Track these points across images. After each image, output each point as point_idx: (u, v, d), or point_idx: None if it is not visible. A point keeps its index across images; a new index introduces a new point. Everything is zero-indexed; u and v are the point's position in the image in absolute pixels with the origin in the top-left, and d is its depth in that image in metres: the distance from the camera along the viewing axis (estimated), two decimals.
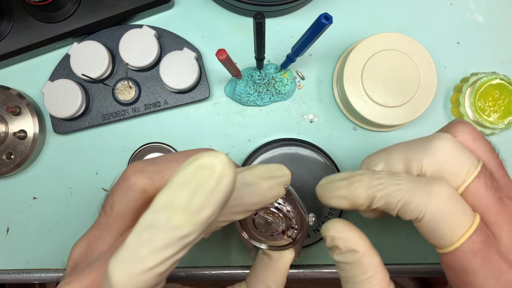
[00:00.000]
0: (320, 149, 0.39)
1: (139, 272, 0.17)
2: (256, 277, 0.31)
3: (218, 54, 0.30)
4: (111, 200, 0.24)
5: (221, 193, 0.16)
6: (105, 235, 0.25)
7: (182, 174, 0.17)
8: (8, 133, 0.41)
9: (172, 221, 0.16)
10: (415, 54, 0.39)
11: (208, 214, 0.16)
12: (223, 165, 0.16)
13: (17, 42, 0.41)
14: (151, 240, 0.17)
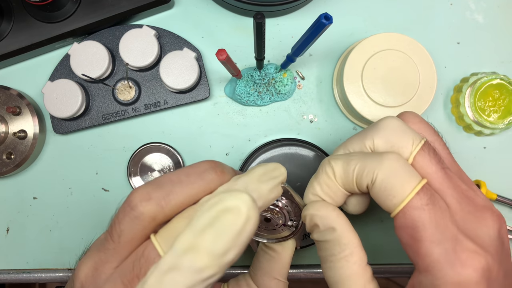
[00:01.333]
0: (320, 149, 0.39)
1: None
2: (261, 269, 0.32)
3: (218, 54, 0.30)
4: (119, 229, 0.23)
5: (247, 235, 0.16)
6: (112, 261, 0.24)
7: (206, 216, 0.16)
8: (8, 133, 0.41)
9: (196, 264, 0.16)
10: (415, 54, 0.39)
11: (233, 256, 0.17)
12: (248, 208, 0.16)
13: (17, 42, 0.41)
14: (174, 282, 0.16)
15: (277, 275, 0.31)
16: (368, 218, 0.43)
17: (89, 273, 0.24)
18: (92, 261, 0.24)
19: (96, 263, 0.24)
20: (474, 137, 0.43)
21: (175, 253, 0.17)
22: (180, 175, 0.22)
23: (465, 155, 0.43)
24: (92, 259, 0.25)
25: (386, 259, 0.43)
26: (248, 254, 0.42)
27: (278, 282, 0.31)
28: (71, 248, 0.43)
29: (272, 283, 0.31)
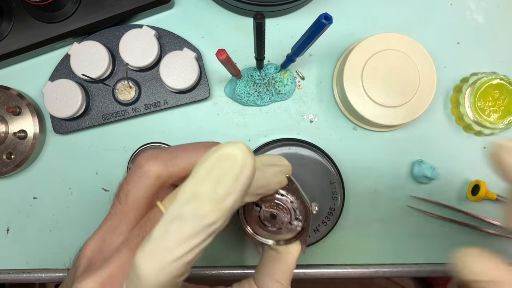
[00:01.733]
0: (320, 149, 0.39)
1: (168, 262, 0.18)
2: (263, 272, 0.31)
3: (218, 54, 0.30)
4: (126, 188, 0.24)
5: (244, 180, 0.17)
6: (119, 226, 0.25)
7: (205, 165, 0.17)
8: (8, 133, 0.41)
9: (199, 211, 0.17)
10: (415, 54, 0.39)
11: (232, 201, 0.17)
12: (244, 154, 0.17)
13: (17, 42, 0.41)
14: (179, 230, 0.17)
15: (279, 278, 0.31)
16: (368, 218, 0.43)
17: (95, 247, 0.25)
18: (99, 233, 0.25)
19: (103, 233, 0.25)
20: (474, 137, 0.43)
21: (178, 203, 0.18)
22: (187, 145, 0.24)
23: (465, 155, 0.43)
24: (99, 232, 0.25)
25: (386, 259, 0.43)
26: (249, 253, 0.42)
27: (280, 286, 0.31)
28: (71, 248, 0.43)
29: (274, 286, 0.30)
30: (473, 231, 0.43)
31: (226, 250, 0.42)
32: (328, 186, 0.39)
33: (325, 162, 0.39)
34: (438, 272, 0.43)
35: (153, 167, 0.23)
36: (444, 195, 0.43)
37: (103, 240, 0.25)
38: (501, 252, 0.43)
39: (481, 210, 0.43)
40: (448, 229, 0.43)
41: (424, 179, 0.41)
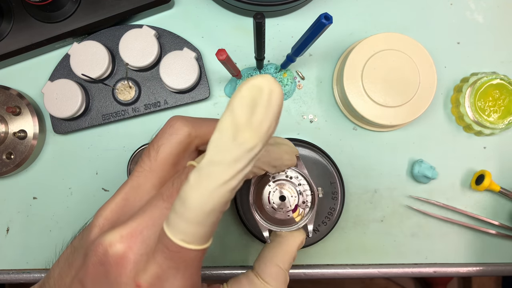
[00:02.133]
0: (320, 149, 0.39)
1: (214, 188, 0.19)
2: (264, 257, 0.32)
3: (218, 54, 0.30)
4: (157, 145, 0.25)
5: (275, 106, 0.19)
6: (145, 183, 0.26)
7: (238, 96, 0.19)
8: (8, 133, 0.41)
9: (239, 138, 0.18)
10: (415, 54, 0.39)
11: (267, 125, 0.19)
12: (271, 83, 0.19)
13: (17, 42, 0.41)
14: (223, 158, 0.19)
15: (279, 262, 0.31)
16: (368, 218, 0.43)
17: (117, 208, 0.25)
18: (121, 195, 0.26)
19: (126, 193, 0.26)
20: (474, 137, 0.43)
21: (218, 134, 0.19)
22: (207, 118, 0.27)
23: (465, 155, 0.43)
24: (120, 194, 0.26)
25: (386, 259, 0.43)
26: (249, 254, 0.42)
27: (278, 270, 0.31)
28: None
29: (273, 270, 0.31)
30: (473, 231, 0.43)
31: (226, 250, 0.42)
32: (328, 186, 0.39)
33: (325, 162, 0.39)
34: (438, 272, 0.43)
35: (184, 126, 0.25)
36: (444, 195, 0.43)
37: (126, 200, 0.25)
38: (500, 252, 0.43)
39: (483, 203, 0.43)
40: (448, 229, 0.43)
41: (424, 179, 0.41)
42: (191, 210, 0.19)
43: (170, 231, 0.21)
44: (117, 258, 0.22)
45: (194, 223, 0.20)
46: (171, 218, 0.21)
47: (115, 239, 0.22)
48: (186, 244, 0.21)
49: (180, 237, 0.21)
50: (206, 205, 0.19)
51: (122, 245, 0.22)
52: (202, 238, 0.21)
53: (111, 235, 0.23)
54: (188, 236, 0.21)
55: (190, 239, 0.21)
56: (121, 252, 0.22)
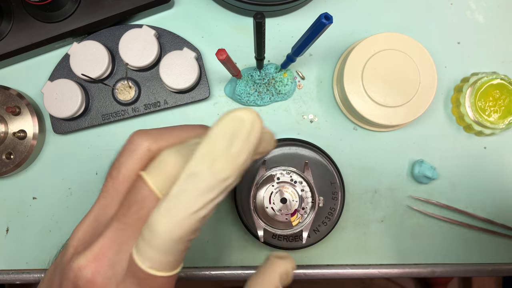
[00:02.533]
0: (320, 149, 0.39)
1: (183, 217, 0.19)
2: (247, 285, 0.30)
3: (218, 54, 0.30)
4: (118, 163, 0.25)
5: (254, 139, 0.19)
6: (111, 203, 0.25)
7: (220, 126, 0.19)
8: (8, 133, 0.41)
9: (214, 167, 0.19)
10: (415, 54, 0.39)
11: (244, 158, 0.19)
12: (254, 117, 0.19)
13: (17, 42, 0.41)
14: (195, 186, 0.19)
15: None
16: (369, 218, 0.43)
17: (88, 228, 0.25)
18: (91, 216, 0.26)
19: (95, 213, 0.26)
20: (475, 137, 0.43)
21: (194, 161, 0.19)
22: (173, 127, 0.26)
23: (466, 155, 0.43)
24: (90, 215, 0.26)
25: (386, 259, 0.43)
26: (249, 254, 0.42)
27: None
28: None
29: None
30: (472, 231, 0.43)
31: (226, 250, 0.42)
32: (328, 186, 0.39)
33: (325, 162, 0.39)
34: (438, 272, 0.43)
35: (144, 141, 0.25)
36: (445, 195, 0.43)
37: (96, 221, 0.25)
38: (500, 252, 0.43)
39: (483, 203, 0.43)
40: (448, 229, 0.43)
41: (424, 179, 0.41)
42: (159, 237, 0.19)
43: (139, 258, 0.21)
44: (86, 282, 0.22)
45: (162, 251, 0.20)
46: (139, 245, 0.21)
47: (82, 263, 0.23)
48: (155, 272, 0.21)
49: (149, 265, 0.21)
50: (174, 233, 0.19)
51: (89, 269, 0.22)
52: (170, 265, 0.21)
53: (79, 259, 0.23)
54: (156, 264, 0.21)
55: (158, 266, 0.21)
56: (89, 277, 0.22)
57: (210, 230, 0.42)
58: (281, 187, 0.35)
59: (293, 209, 0.35)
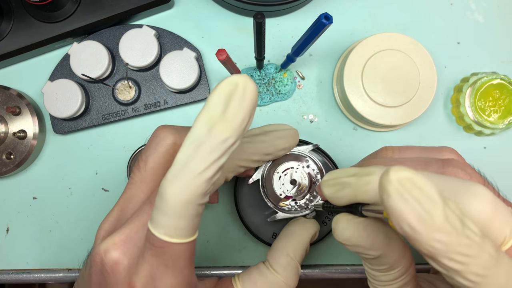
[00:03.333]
0: (320, 149, 0.39)
1: (190, 179, 0.20)
2: (275, 247, 0.32)
3: (218, 54, 0.30)
4: (145, 156, 0.27)
5: (248, 100, 0.20)
6: (137, 194, 0.27)
7: (215, 93, 0.20)
8: (8, 133, 0.41)
9: (213, 130, 0.19)
10: (415, 54, 0.39)
11: (241, 118, 0.20)
12: (245, 80, 0.20)
13: (17, 42, 0.41)
14: (198, 150, 0.20)
15: (290, 252, 0.31)
16: None
17: (114, 220, 0.27)
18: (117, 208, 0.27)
19: (121, 205, 0.27)
20: (475, 137, 0.43)
21: (194, 129, 0.20)
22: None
23: (466, 155, 0.43)
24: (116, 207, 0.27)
25: None
26: (249, 254, 0.42)
27: (289, 260, 0.31)
28: (71, 248, 0.43)
29: (283, 259, 0.31)
30: None
31: (226, 250, 0.42)
32: None
33: (325, 162, 0.39)
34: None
35: (169, 135, 0.26)
36: None
37: (121, 211, 0.27)
38: None
39: None
40: None
41: None
42: (169, 202, 0.20)
43: (153, 226, 0.21)
44: (112, 264, 0.23)
45: (174, 216, 0.20)
46: (153, 215, 0.21)
47: (109, 246, 0.23)
48: (169, 238, 0.21)
49: (163, 232, 0.21)
50: (183, 196, 0.20)
51: (115, 251, 0.23)
52: (184, 231, 0.21)
53: (104, 243, 0.23)
54: (170, 230, 0.21)
55: (172, 232, 0.21)
56: (115, 259, 0.23)
57: (210, 230, 0.42)
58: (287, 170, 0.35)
59: (305, 189, 0.35)
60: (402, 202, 0.17)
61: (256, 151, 0.29)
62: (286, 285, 0.30)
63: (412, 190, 0.16)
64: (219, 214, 0.42)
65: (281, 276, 0.30)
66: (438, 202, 0.17)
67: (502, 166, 0.43)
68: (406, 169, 0.17)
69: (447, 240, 0.17)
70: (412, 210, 0.16)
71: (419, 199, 0.16)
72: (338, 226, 0.26)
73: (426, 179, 0.17)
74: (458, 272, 0.18)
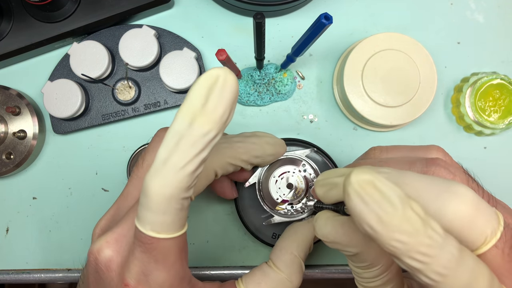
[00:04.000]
0: (320, 149, 0.39)
1: (172, 174, 0.20)
2: (279, 245, 0.32)
3: (218, 54, 0.30)
4: (144, 154, 0.27)
5: (228, 92, 0.19)
6: (133, 189, 0.27)
7: (195, 86, 0.20)
8: (8, 133, 0.41)
9: (194, 124, 0.19)
10: (415, 54, 0.39)
11: (222, 111, 0.19)
12: (225, 72, 0.19)
13: (17, 42, 0.41)
14: (178, 144, 0.19)
15: (294, 250, 0.31)
16: None
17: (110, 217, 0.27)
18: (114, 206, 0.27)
19: (118, 202, 0.27)
20: (475, 137, 0.43)
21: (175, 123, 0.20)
22: None
23: (466, 155, 0.43)
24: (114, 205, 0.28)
25: None
26: (249, 253, 0.42)
27: (293, 258, 0.31)
28: (71, 248, 0.43)
29: (287, 257, 0.31)
30: None
31: (226, 250, 0.42)
32: None
33: (325, 162, 0.39)
34: None
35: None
36: None
37: (117, 208, 0.27)
38: None
39: None
40: None
41: None
42: (152, 198, 0.20)
43: (139, 223, 0.21)
44: (106, 262, 0.23)
45: (158, 211, 0.21)
46: (138, 211, 0.21)
47: (102, 245, 0.24)
48: (156, 234, 0.21)
49: (149, 228, 0.21)
50: (166, 191, 0.20)
51: (108, 249, 0.23)
52: (170, 226, 0.21)
53: (98, 242, 0.24)
54: (156, 225, 0.21)
55: (158, 228, 0.21)
56: (108, 256, 0.23)
57: (210, 230, 0.42)
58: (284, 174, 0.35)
59: (301, 193, 0.35)
60: (361, 203, 0.17)
61: (246, 151, 0.30)
62: (290, 282, 0.30)
63: (371, 192, 0.17)
64: (219, 214, 0.42)
65: (284, 273, 0.30)
66: (397, 204, 0.17)
67: (502, 166, 0.43)
68: (367, 171, 0.18)
69: (407, 241, 0.17)
70: (371, 211, 0.17)
71: (377, 201, 0.17)
72: (317, 223, 0.27)
73: (386, 182, 0.17)
74: (420, 271, 0.18)
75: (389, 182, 0.18)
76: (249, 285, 0.30)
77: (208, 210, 0.42)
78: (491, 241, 0.21)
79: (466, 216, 0.21)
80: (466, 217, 0.21)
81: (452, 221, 0.21)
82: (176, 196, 0.20)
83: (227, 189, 0.35)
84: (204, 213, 0.42)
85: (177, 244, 0.22)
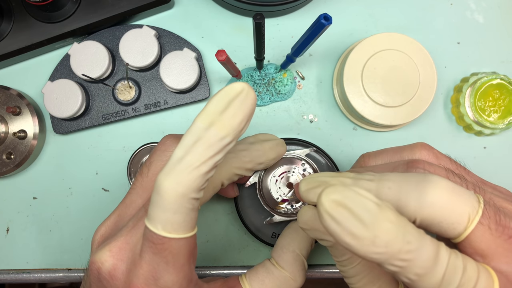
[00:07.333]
0: (320, 149, 0.39)
1: (186, 173, 0.20)
2: (280, 244, 0.32)
3: (217, 55, 0.30)
4: (149, 162, 0.27)
5: (248, 105, 0.21)
6: (136, 199, 0.27)
7: (218, 94, 0.21)
8: (8, 133, 0.41)
9: (212, 128, 0.20)
10: (415, 54, 0.39)
11: (239, 120, 0.21)
12: (247, 88, 0.21)
13: (17, 42, 0.41)
14: (195, 145, 0.20)
15: (296, 248, 0.31)
16: None
17: (111, 224, 0.27)
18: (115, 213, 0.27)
19: (120, 210, 0.27)
20: (474, 137, 0.43)
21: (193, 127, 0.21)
22: None
23: (465, 155, 0.43)
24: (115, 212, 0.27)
25: None
26: (249, 253, 0.42)
27: (296, 256, 0.31)
28: (71, 248, 0.43)
29: (289, 256, 0.31)
30: None
31: (226, 250, 0.42)
32: None
33: (325, 162, 0.39)
34: None
35: (175, 144, 0.27)
36: None
37: (119, 216, 0.27)
38: None
39: None
40: None
41: None
42: (164, 196, 0.20)
43: (150, 223, 0.22)
44: (110, 271, 0.23)
45: (170, 210, 0.21)
46: (149, 211, 0.22)
47: (106, 255, 0.24)
48: (167, 233, 0.21)
49: (160, 227, 0.21)
50: (177, 189, 0.20)
51: (113, 259, 0.23)
52: (181, 226, 0.22)
53: (101, 252, 0.24)
54: (168, 225, 0.21)
55: (169, 227, 0.21)
56: (112, 266, 0.23)
57: (210, 230, 0.42)
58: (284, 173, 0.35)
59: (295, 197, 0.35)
60: (333, 223, 0.18)
61: (251, 159, 0.31)
62: (294, 281, 0.30)
63: (341, 212, 0.18)
64: (219, 214, 0.42)
65: (287, 272, 0.30)
66: (367, 221, 0.18)
67: (502, 166, 0.43)
68: (336, 191, 0.18)
69: (384, 251, 0.18)
70: (343, 230, 0.18)
71: (348, 220, 0.18)
72: (299, 212, 0.28)
73: (356, 198, 0.18)
74: (399, 273, 0.19)
75: (360, 198, 0.18)
76: (253, 282, 0.30)
77: (208, 210, 0.42)
78: (474, 219, 0.21)
79: (444, 200, 0.21)
80: (444, 200, 0.21)
81: (433, 207, 0.21)
82: (188, 195, 0.21)
83: (229, 189, 0.36)
84: (204, 213, 0.42)
85: (187, 245, 0.23)
